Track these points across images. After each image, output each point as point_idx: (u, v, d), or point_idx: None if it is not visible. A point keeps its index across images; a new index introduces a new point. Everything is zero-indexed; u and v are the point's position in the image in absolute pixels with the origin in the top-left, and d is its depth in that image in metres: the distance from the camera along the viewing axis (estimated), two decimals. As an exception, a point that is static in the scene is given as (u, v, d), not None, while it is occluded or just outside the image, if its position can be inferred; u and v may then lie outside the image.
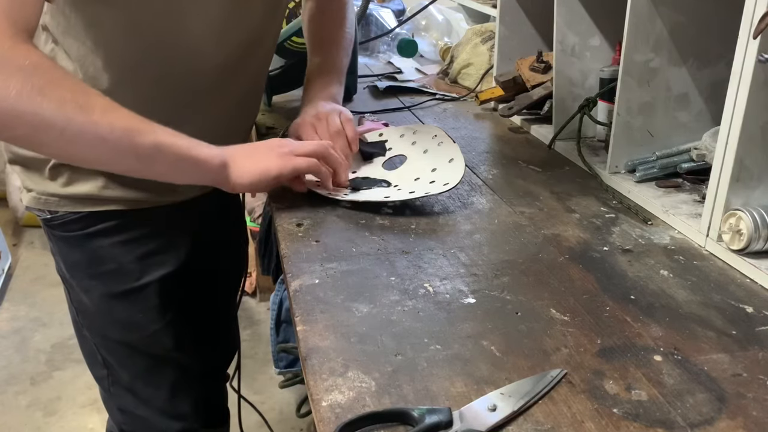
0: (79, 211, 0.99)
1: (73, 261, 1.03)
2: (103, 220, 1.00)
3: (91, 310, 1.06)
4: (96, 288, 1.04)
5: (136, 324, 1.07)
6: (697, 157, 0.96)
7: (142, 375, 1.11)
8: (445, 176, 0.95)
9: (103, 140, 0.76)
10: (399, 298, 0.72)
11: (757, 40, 0.73)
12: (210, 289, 1.22)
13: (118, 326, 1.07)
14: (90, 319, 1.07)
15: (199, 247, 1.13)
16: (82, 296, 1.05)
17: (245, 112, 1.11)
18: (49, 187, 0.97)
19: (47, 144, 0.77)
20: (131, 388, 1.11)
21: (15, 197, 3.12)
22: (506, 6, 1.37)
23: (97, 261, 1.02)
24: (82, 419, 2.02)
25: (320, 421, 0.55)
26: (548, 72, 1.27)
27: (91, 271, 1.03)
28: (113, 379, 1.11)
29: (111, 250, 1.02)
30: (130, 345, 1.08)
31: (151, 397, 1.12)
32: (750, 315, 0.71)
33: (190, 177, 0.88)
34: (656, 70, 0.98)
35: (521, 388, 0.58)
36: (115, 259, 1.02)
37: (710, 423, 0.55)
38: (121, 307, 1.05)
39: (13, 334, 2.44)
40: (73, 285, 1.05)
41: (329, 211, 0.93)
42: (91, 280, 1.04)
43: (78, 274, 1.04)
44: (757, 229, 0.76)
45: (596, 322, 0.69)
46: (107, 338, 1.08)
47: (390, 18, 1.95)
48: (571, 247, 0.85)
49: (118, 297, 1.04)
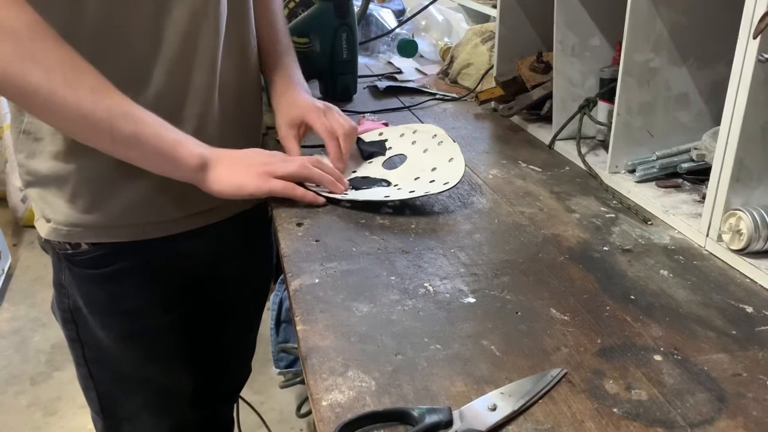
0: (105, 243, 0.95)
1: (93, 298, 0.99)
2: (129, 255, 0.96)
3: (105, 345, 1.01)
4: (116, 325, 1.00)
5: (153, 359, 1.04)
6: (697, 157, 0.96)
7: (149, 405, 1.08)
8: (445, 175, 0.95)
9: (84, 117, 0.77)
10: (399, 297, 0.72)
11: (757, 40, 0.73)
12: (232, 318, 1.20)
13: (135, 361, 1.04)
14: (101, 354, 1.03)
15: (222, 276, 1.11)
16: (97, 332, 1.01)
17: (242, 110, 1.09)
18: (70, 215, 0.92)
19: (32, 107, 0.78)
20: (132, 418, 1.08)
21: (15, 197, 3.12)
22: (506, 6, 1.37)
23: (120, 299, 0.99)
24: (82, 419, 2.02)
25: (320, 420, 0.55)
26: (548, 72, 1.27)
27: (112, 308, 0.99)
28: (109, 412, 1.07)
29: (136, 288, 0.99)
30: (143, 378, 1.05)
31: (153, 427, 1.09)
32: (750, 315, 0.71)
33: (165, 171, 0.87)
34: (656, 70, 0.98)
35: (521, 387, 0.58)
36: (139, 297, 1.00)
37: (710, 423, 0.55)
38: (141, 344, 1.03)
39: (13, 334, 2.44)
40: (88, 321, 1.00)
41: (329, 211, 0.93)
42: (111, 317, 1.00)
43: (97, 311, 0.99)
44: (757, 229, 0.76)
45: (596, 321, 0.69)
46: (119, 372, 1.05)
47: (390, 18, 1.95)
48: (571, 247, 0.85)
49: (138, 334, 1.01)
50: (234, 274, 1.14)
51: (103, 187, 0.92)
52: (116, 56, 0.86)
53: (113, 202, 0.93)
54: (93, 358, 1.03)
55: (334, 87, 1.44)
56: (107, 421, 1.08)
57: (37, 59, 0.73)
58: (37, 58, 0.73)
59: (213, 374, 1.19)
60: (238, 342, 1.26)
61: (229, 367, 1.27)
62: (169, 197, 0.96)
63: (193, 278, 1.06)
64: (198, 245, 1.03)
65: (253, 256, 1.19)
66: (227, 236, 1.07)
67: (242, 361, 1.32)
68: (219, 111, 0.98)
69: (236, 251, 1.13)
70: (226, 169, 0.88)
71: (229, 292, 1.16)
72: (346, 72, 1.43)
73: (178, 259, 1.01)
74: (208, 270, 1.08)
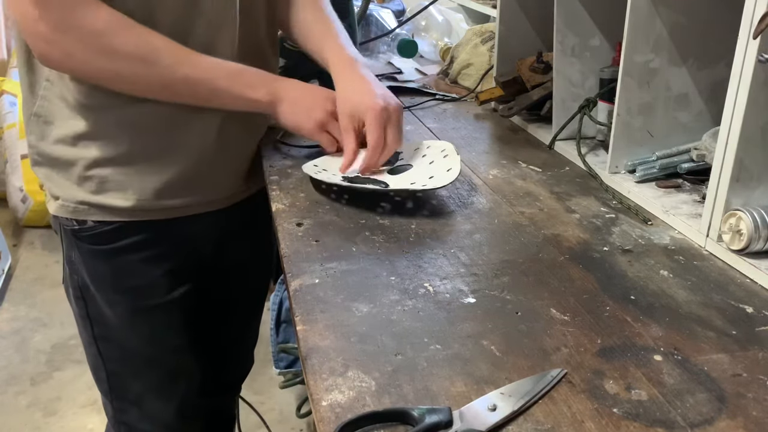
0: (110, 221, 0.98)
1: (99, 274, 1.02)
2: (133, 233, 0.99)
3: (112, 323, 1.04)
4: (121, 302, 1.03)
5: (159, 338, 1.06)
6: (697, 158, 0.96)
7: (155, 387, 1.10)
8: (441, 173, 0.95)
9: (166, 87, 0.92)
10: (399, 297, 0.72)
11: (757, 40, 0.73)
12: (234, 306, 1.23)
13: (141, 340, 1.06)
14: (109, 332, 1.06)
15: (225, 262, 1.13)
16: (104, 310, 1.03)
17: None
18: (78, 194, 0.96)
19: (123, 88, 0.91)
20: (139, 401, 1.10)
21: (15, 197, 3.12)
22: (506, 6, 1.37)
23: (125, 275, 1.01)
24: (82, 419, 2.02)
25: (320, 420, 0.55)
26: (548, 72, 1.27)
27: (117, 285, 1.02)
28: (117, 394, 1.10)
29: (140, 265, 1.01)
30: (148, 358, 1.07)
31: (159, 411, 1.11)
32: (750, 315, 0.71)
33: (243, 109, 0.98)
34: (656, 71, 0.98)
35: (521, 387, 0.58)
36: (144, 274, 1.02)
37: (710, 423, 0.55)
38: (146, 322, 1.05)
39: (13, 335, 2.44)
40: (96, 298, 1.03)
41: (329, 211, 0.93)
42: (117, 294, 1.02)
43: (103, 288, 1.02)
44: (757, 229, 0.76)
45: (596, 322, 0.69)
46: (125, 350, 1.07)
47: (390, 18, 1.95)
48: (571, 247, 0.85)
49: (143, 311, 1.04)
50: (237, 259, 1.16)
51: (109, 173, 0.95)
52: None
53: (119, 187, 0.96)
54: (101, 335, 1.06)
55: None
56: (115, 403, 1.11)
57: (116, 50, 0.86)
58: (116, 49, 0.85)
59: (217, 361, 1.20)
60: (241, 329, 1.28)
61: (232, 354, 1.28)
62: (175, 186, 0.99)
63: (196, 259, 1.08)
64: (202, 228, 1.05)
65: (256, 241, 1.22)
66: (231, 221, 1.09)
67: (246, 350, 1.34)
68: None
69: (239, 235, 1.14)
70: (290, 107, 0.98)
71: (233, 276, 1.18)
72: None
73: (181, 240, 1.04)
74: (211, 252, 1.10)
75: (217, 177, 1.05)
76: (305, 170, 1.00)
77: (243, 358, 1.34)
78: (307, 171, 0.99)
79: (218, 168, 1.04)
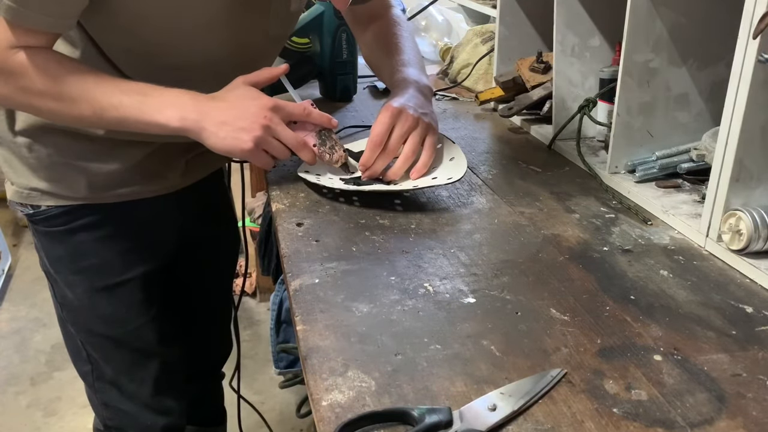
0: (62, 206, 1.00)
1: (56, 256, 1.05)
2: (86, 214, 1.01)
3: (74, 304, 1.07)
4: (79, 283, 1.05)
5: (119, 319, 1.08)
6: (697, 158, 0.96)
7: (127, 369, 1.12)
8: (447, 173, 0.95)
9: (78, 120, 0.90)
10: (399, 297, 0.72)
11: (757, 40, 0.73)
12: (198, 287, 1.24)
13: (102, 321, 1.08)
14: (74, 314, 1.09)
15: (185, 243, 1.15)
16: (65, 291, 1.06)
17: None
18: (31, 180, 0.99)
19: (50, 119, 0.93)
20: (115, 382, 1.12)
21: (15, 197, 3.12)
22: (506, 6, 1.37)
23: (79, 256, 1.04)
24: (82, 419, 2.02)
25: (320, 420, 0.55)
26: (548, 72, 1.27)
27: (73, 266, 1.05)
28: (97, 374, 1.12)
29: (94, 245, 1.03)
30: (114, 339, 1.09)
31: (136, 391, 1.13)
32: (750, 315, 0.71)
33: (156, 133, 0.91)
34: (656, 71, 0.98)
35: (521, 387, 0.58)
36: (97, 254, 1.04)
37: (710, 423, 0.55)
38: (105, 302, 1.07)
39: (13, 335, 2.44)
40: (57, 280, 1.07)
41: (329, 211, 0.93)
42: (74, 275, 1.05)
43: (61, 269, 1.05)
44: (757, 229, 0.76)
45: (596, 321, 0.69)
46: (91, 333, 1.09)
47: (390, 18, 1.95)
48: (571, 247, 0.85)
49: (101, 292, 1.06)
50: (198, 237, 1.18)
51: (63, 165, 0.98)
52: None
53: (72, 178, 0.99)
54: (70, 318, 1.10)
55: (334, 87, 1.44)
56: (97, 385, 1.13)
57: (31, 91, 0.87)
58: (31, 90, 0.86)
59: (193, 343, 1.21)
60: (212, 309, 1.30)
61: (208, 336, 1.30)
62: (126, 176, 1.01)
63: (153, 239, 1.09)
64: (155, 210, 1.06)
65: (216, 220, 1.24)
66: (185, 202, 1.10)
67: (221, 332, 1.35)
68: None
69: (197, 216, 1.16)
70: (215, 130, 0.88)
71: (198, 255, 1.20)
72: (346, 72, 1.43)
73: (134, 221, 1.05)
74: (170, 232, 1.12)
75: (171, 167, 1.05)
76: (301, 175, 0.99)
77: (219, 340, 1.35)
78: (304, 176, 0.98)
79: (172, 159, 1.05)
